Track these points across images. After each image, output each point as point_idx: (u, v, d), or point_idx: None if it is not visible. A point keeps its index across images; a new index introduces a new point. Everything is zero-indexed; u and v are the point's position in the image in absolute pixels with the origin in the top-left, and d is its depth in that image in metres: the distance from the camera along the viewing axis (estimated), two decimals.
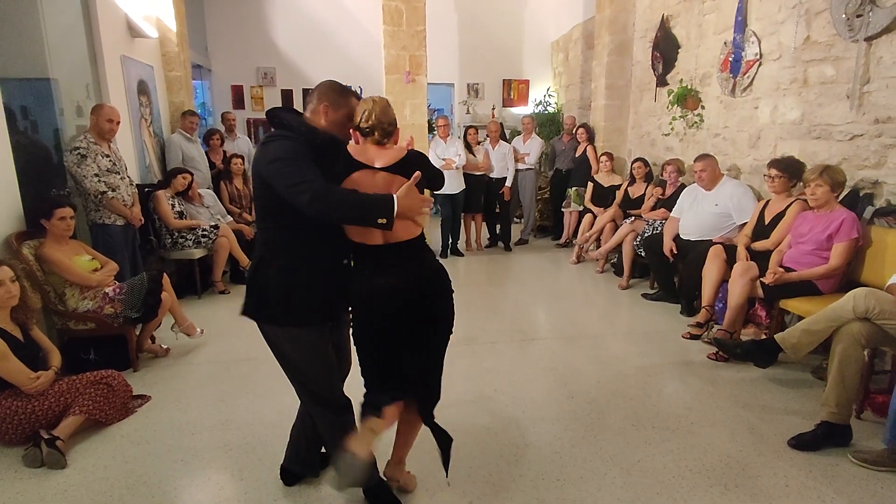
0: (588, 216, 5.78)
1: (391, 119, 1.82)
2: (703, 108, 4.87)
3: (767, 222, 3.55)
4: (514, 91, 9.01)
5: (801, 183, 3.31)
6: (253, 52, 8.10)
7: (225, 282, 4.84)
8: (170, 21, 5.32)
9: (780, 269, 3.16)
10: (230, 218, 5.10)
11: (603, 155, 5.96)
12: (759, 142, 4.13)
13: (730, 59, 4.36)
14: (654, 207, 4.97)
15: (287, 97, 8.26)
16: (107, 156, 3.57)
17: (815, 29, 3.51)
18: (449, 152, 5.89)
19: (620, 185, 5.65)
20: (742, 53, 4.22)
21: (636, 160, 5.41)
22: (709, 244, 3.76)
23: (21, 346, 2.44)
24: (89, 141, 3.49)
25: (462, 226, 6.35)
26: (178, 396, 2.89)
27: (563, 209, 6.62)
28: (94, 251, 3.32)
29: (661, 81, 5.54)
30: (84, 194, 3.51)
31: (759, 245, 3.51)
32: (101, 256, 3.31)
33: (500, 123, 6.66)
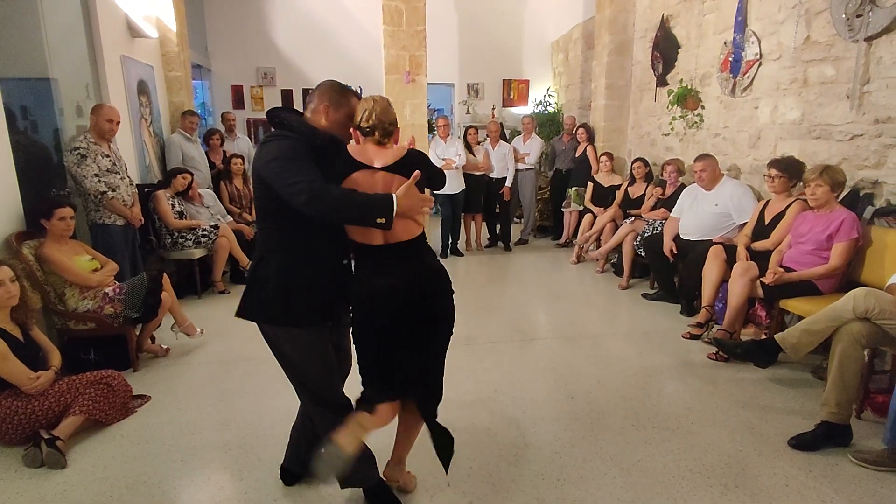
0: (588, 216, 5.78)
1: (392, 118, 1.81)
2: (703, 108, 4.88)
3: (767, 222, 3.55)
4: (514, 91, 9.01)
5: (801, 183, 3.31)
6: (253, 52, 8.11)
7: (225, 282, 4.84)
8: (170, 21, 5.33)
9: (780, 269, 3.16)
10: (230, 218, 5.11)
11: (603, 155, 5.96)
12: (759, 142, 4.14)
13: (730, 59, 4.36)
14: (654, 207, 4.97)
15: (287, 97, 8.26)
16: (107, 156, 3.58)
17: (815, 29, 3.52)
18: (449, 152, 5.89)
19: (620, 185, 5.65)
20: (742, 53, 4.22)
21: (636, 160, 5.41)
22: (709, 244, 3.76)
23: (21, 346, 2.44)
24: (89, 141, 3.49)
25: (462, 226, 6.35)
26: (177, 396, 2.89)
27: (563, 209, 6.62)
28: (94, 251, 3.32)
29: (661, 81, 5.54)
30: (84, 194, 3.51)
31: (759, 245, 3.51)
32: (101, 256, 3.31)
33: (500, 123, 6.66)
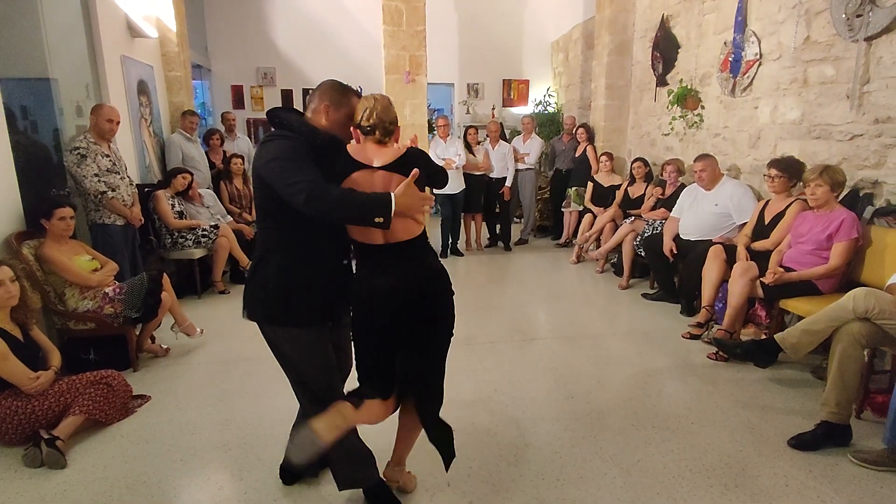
0: (588, 216, 5.78)
1: (392, 117, 1.81)
2: (702, 108, 4.88)
3: (767, 222, 3.55)
4: (514, 91, 9.01)
5: (801, 183, 3.31)
6: (253, 52, 8.11)
7: (225, 282, 4.84)
8: (170, 21, 5.33)
9: (780, 269, 3.16)
10: (230, 218, 5.11)
11: (603, 155, 5.96)
12: (758, 142, 4.13)
13: (730, 59, 4.36)
14: (653, 207, 4.97)
15: (287, 97, 8.26)
16: (107, 156, 3.58)
17: (815, 29, 3.52)
18: (449, 152, 5.89)
19: (620, 184, 5.65)
20: (742, 53, 4.22)
21: (636, 160, 5.41)
22: (709, 244, 3.76)
23: (21, 346, 2.44)
24: (89, 141, 3.49)
25: (462, 226, 6.35)
26: (177, 396, 2.89)
27: (562, 209, 6.62)
28: (94, 251, 3.32)
29: (661, 81, 5.54)
30: (84, 194, 3.51)
31: (759, 245, 3.51)
32: (100, 256, 3.31)
33: (500, 123, 6.66)
